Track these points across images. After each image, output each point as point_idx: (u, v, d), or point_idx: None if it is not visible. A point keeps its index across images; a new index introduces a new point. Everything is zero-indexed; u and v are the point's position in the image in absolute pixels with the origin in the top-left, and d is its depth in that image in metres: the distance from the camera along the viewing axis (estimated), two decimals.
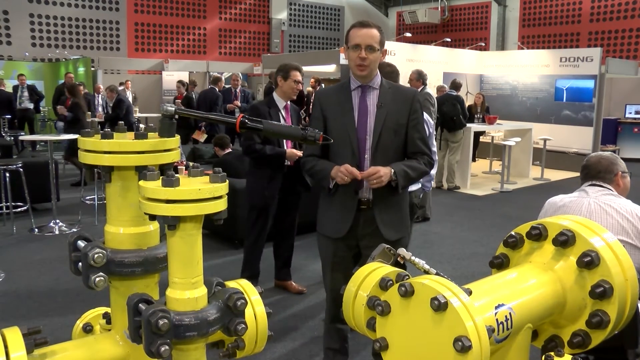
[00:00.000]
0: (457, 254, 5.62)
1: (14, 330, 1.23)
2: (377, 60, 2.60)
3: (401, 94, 2.69)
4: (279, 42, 19.27)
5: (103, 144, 1.20)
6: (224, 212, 1.05)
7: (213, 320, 1.05)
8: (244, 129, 1.22)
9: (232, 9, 18.36)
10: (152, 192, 1.00)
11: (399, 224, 2.76)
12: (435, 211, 7.11)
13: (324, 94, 2.86)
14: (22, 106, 12.55)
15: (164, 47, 17.06)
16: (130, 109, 9.55)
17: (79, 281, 4.29)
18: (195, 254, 1.07)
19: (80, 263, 1.26)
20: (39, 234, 6.15)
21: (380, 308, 1.25)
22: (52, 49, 15.40)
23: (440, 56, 11.92)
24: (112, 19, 16.29)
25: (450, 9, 19.15)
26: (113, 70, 15.36)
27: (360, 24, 2.61)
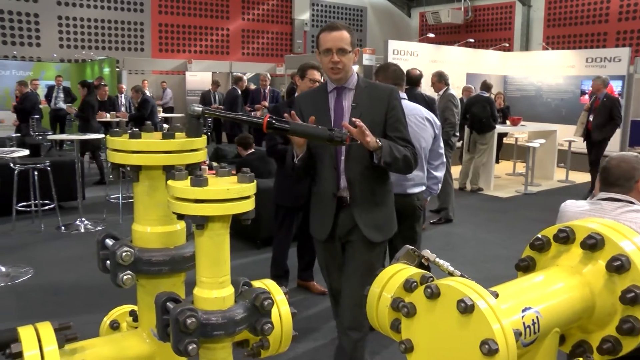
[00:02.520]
0: (480, 256, 5.56)
1: (46, 325, 1.25)
2: (350, 61, 2.57)
3: (376, 92, 2.64)
4: (302, 43, 19.30)
5: (131, 144, 1.21)
6: (252, 212, 1.05)
7: (240, 320, 1.06)
8: (271, 130, 1.22)
9: (254, 9, 18.44)
10: (181, 191, 1.01)
11: (383, 225, 2.69)
12: (458, 213, 7.05)
13: (302, 97, 2.87)
14: (57, 106, 12.74)
15: (187, 47, 17.20)
16: (155, 109, 9.65)
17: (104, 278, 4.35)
18: (223, 254, 1.08)
19: (108, 261, 1.28)
20: (65, 232, 6.25)
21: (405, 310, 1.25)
22: (78, 50, 15.63)
23: (464, 57, 11.83)
24: (137, 20, 16.48)
25: (474, 9, 18.97)
26: (137, 71, 15.54)
27: (328, 28, 2.58)
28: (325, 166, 2.60)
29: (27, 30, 14.90)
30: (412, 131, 3.50)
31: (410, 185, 3.54)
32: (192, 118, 1.24)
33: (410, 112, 3.54)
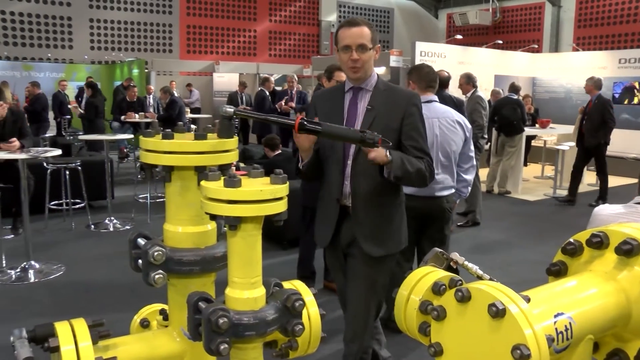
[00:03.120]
0: (508, 260, 5.50)
1: (81, 322, 1.28)
2: (370, 59, 2.41)
3: (395, 96, 2.46)
4: (329, 44, 19.31)
5: (164, 144, 1.23)
6: (284, 213, 1.06)
7: (271, 321, 1.06)
8: (303, 131, 1.23)
9: (282, 11, 18.52)
10: (215, 192, 1.02)
11: (384, 239, 2.49)
12: (485, 216, 6.98)
13: (319, 96, 2.72)
14: None
15: (214, 49, 17.35)
16: (183, 110, 9.75)
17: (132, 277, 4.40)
18: (255, 255, 1.09)
19: (140, 260, 1.30)
20: (95, 230, 6.36)
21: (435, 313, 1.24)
22: (108, 51, 15.89)
23: (492, 59, 11.71)
24: (165, 22, 16.69)
25: (502, 10, 18.75)
26: (165, 72, 15.73)
27: (348, 23, 2.41)
28: (332, 170, 2.46)
29: (60, 34, 15.21)
30: (442, 134, 3.49)
31: (439, 188, 3.53)
32: (223, 119, 1.25)
33: (441, 115, 3.52)
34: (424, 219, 3.58)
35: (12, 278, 4.76)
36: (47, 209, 6.37)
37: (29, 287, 4.61)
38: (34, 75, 14.52)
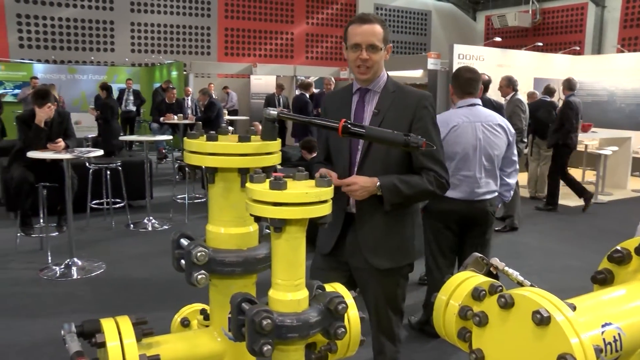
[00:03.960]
0: (547, 267, 5.39)
1: (125, 319, 1.30)
2: (381, 60, 2.25)
3: (404, 99, 2.28)
4: None
5: (207, 146, 1.24)
6: (329, 216, 1.06)
7: (314, 323, 1.07)
8: (347, 134, 1.23)
9: (319, 13, 18.59)
10: (260, 194, 1.03)
11: (392, 250, 2.30)
12: (523, 221, 6.86)
13: (329, 97, 2.59)
14: (127, 109, 13.25)
15: (252, 51, 17.53)
16: (221, 112, 9.87)
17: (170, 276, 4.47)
18: (299, 257, 1.10)
19: (183, 260, 1.32)
20: (134, 230, 6.49)
21: (477, 319, 1.23)
22: (148, 54, 16.22)
23: (531, 61, 11.50)
24: (204, 25, 16.94)
25: (542, 12, 18.41)
26: (204, 74, 15.96)
27: (359, 19, 2.23)
28: (340, 175, 2.26)
29: (102, 37, 15.60)
30: (485, 138, 3.45)
31: (482, 191, 3.50)
32: (267, 121, 1.26)
33: (484, 119, 3.49)
34: (466, 223, 3.56)
35: (57, 274, 4.90)
36: (88, 207, 6.53)
37: (72, 283, 4.74)
38: (78, 78, 14.94)
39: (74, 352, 1.21)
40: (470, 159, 3.45)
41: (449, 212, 3.52)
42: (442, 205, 3.51)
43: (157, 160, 11.52)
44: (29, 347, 3.58)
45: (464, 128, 3.43)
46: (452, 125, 3.43)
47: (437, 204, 3.54)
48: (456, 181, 3.47)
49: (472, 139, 3.44)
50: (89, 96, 14.43)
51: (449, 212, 3.52)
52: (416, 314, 4.02)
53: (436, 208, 3.56)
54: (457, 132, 3.42)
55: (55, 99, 5.98)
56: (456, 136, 3.41)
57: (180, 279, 1.39)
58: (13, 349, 3.56)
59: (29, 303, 4.29)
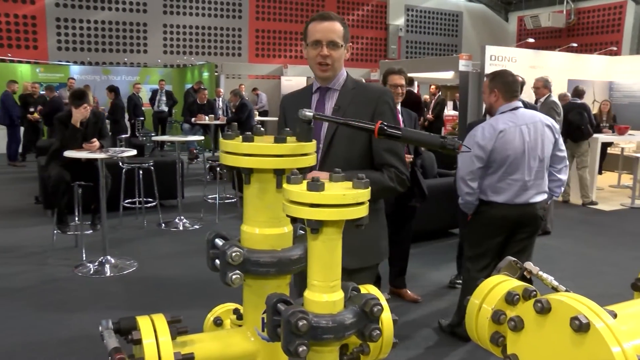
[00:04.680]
0: (581, 272, 5.28)
1: (160, 317, 1.32)
2: (341, 58, 2.24)
3: (364, 95, 2.27)
4: (396, 48, 19.22)
5: (243, 147, 1.25)
6: (366, 218, 1.06)
7: (349, 325, 1.07)
8: (382, 136, 1.23)
9: (349, 15, 18.59)
10: (297, 195, 1.03)
11: (360, 250, 2.14)
12: (556, 225, 6.74)
13: (288, 98, 2.53)
14: (159, 109, 13.45)
15: (283, 52, 17.63)
16: (252, 113, 9.94)
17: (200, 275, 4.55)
18: (335, 258, 1.10)
19: (218, 260, 1.33)
20: (165, 229, 6.58)
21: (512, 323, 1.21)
22: (180, 55, 16.44)
23: (565, 62, 11.27)
24: (235, 27, 17.10)
25: (577, 12, 18.07)
26: (234, 75, 16.11)
27: (320, 17, 2.22)
28: None
29: (136, 39, 15.88)
30: (531, 140, 3.40)
31: (532, 194, 3.45)
32: (302, 123, 1.26)
33: (529, 120, 3.44)
34: (515, 227, 3.50)
35: (91, 271, 5.00)
36: (121, 206, 6.65)
37: (105, 280, 4.83)
38: (111, 79, 15.23)
39: (112, 348, 1.23)
40: (519, 162, 3.39)
41: (500, 217, 3.46)
42: (492, 211, 3.47)
43: (189, 160, 11.66)
44: (66, 340, 3.67)
45: (511, 133, 3.38)
46: (498, 130, 3.38)
47: (487, 209, 3.49)
48: (505, 185, 3.42)
49: (520, 142, 3.38)
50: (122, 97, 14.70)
51: (499, 218, 3.47)
52: (446, 317, 3.99)
53: (486, 214, 3.50)
54: (504, 137, 3.37)
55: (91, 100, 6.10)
56: (504, 142, 3.36)
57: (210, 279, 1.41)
58: (53, 341, 3.66)
59: (65, 298, 4.39)
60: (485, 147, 3.36)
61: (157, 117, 13.41)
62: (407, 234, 4.36)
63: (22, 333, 3.79)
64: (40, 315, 4.08)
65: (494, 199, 3.46)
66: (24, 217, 6.97)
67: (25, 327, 3.89)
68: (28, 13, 14.59)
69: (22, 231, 6.33)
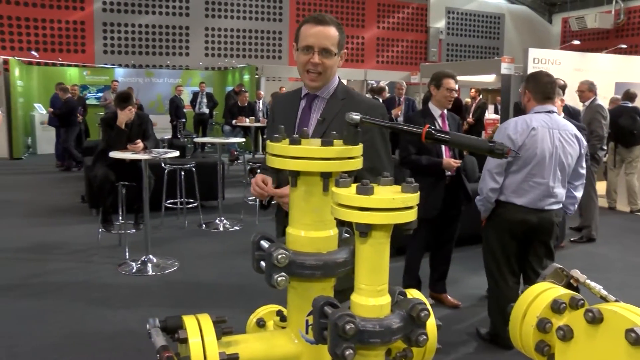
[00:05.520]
0: (629, 282, 5.12)
1: (206, 317, 1.34)
2: (333, 66, 2.09)
3: (352, 108, 2.03)
4: (437, 51, 19.06)
5: (290, 150, 1.26)
6: (414, 222, 1.06)
7: (396, 329, 1.06)
8: (430, 140, 1.22)
9: (390, 18, 18.53)
10: (346, 198, 1.04)
11: None
12: (602, 232, 6.55)
13: (278, 100, 2.42)
14: (200, 111, 13.67)
15: None
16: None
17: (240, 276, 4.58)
18: (383, 262, 1.10)
19: (263, 262, 1.34)
20: (206, 229, 6.66)
21: (561, 332, 1.19)
22: (221, 58, 16.67)
23: (613, 65, 10.98)
24: (276, 29, 17.25)
25: (627, 12, 17.53)
26: (275, 78, 16.24)
27: (314, 20, 2.04)
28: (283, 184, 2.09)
29: (178, 42, 16.19)
30: (560, 147, 3.34)
31: (552, 201, 3.40)
32: (349, 126, 1.27)
33: (562, 127, 3.39)
34: (531, 232, 3.46)
35: (134, 269, 5.10)
36: (163, 207, 6.76)
37: (147, 279, 4.92)
38: (154, 81, 15.57)
39: (160, 346, 1.26)
40: (546, 165, 3.35)
41: (517, 221, 3.43)
42: (510, 213, 3.44)
43: (229, 162, 11.79)
44: (111, 335, 3.76)
45: (543, 133, 3.35)
46: (531, 127, 3.34)
47: (503, 212, 3.46)
48: (527, 187, 3.38)
49: (549, 145, 3.34)
50: (164, 99, 15.03)
51: (517, 222, 3.43)
52: (485, 324, 3.93)
53: (503, 217, 3.47)
54: (535, 136, 3.33)
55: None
56: (535, 140, 3.32)
57: (250, 280, 1.42)
58: (98, 336, 3.76)
59: (109, 295, 4.49)
60: (515, 141, 3.32)
61: (198, 119, 13.61)
62: (450, 238, 4.31)
63: (70, 327, 3.90)
64: (86, 310, 4.19)
65: (513, 200, 3.42)
66: (70, 216, 7.17)
67: (72, 321, 4.00)
68: (77, 19, 15.05)
69: (69, 229, 6.51)
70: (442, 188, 4.03)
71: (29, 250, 5.71)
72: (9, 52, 14.04)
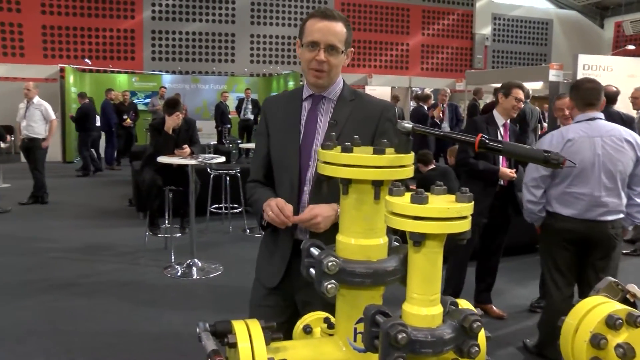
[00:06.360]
0: None
1: (255, 322, 1.35)
2: (340, 65, 1.97)
3: (364, 109, 2.01)
4: (482, 58, 18.79)
5: (342, 157, 1.26)
6: (468, 232, 1.04)
7: (448, 340, 1.05)
8: (483, 149, 1.20)
9: (435, 24, 18.38)
10: (401, 207, 1.03)
11: None
12: None
13: (271, 102, 2.20)
14: (245, 117, 13.86)
15: (367, 62, 17.66)
16: None
17: None
18: (436, 272, 1.08)
19: (313, 269, 1.34)
20: (249, 235, 6.73)
21: (621, 350, 1.15)
22: (266, 65, 16.85)
23: None
24: None
25: None
26: None
27: (321, 14, 1.92)
28: (283, 196, 1.97)
29: (224, 49, 16.44)
30: (605, 154, 3.24)
31: (602, 211, 3.29)
32: (402, 135, 1.26)
33: (606, 133, 3.30)
34: (585, 244, 3.37)
35: (179, 273, 5.20)
36: (208, 211, 6.87)
37: (192, 282, 5.00)
38: (200, 87, 15.86)
39: (211, 350, 1.27)
40: (588, 175, 3.25)
41: (564, 230, 3.37)
42: (557, 223, 3.38)
43: None
44: (157, 337, 3.84)
45: (581, 143, 3.26)
46: (567, 139, 3.27)
47: (552, 222, 3.41)
48: (571, 199, 3.31)
49: (590, 154, 3.25)
50: (209, 105, 15.28)
51: (563, 231, 3.37)
52: (531, 336, 3.84)
53: (552, 226, 3.42)
54: (572, 147, 3.25)
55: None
56: (572, 152, 3.23)
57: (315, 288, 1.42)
58: (145, 337, 3.85)
59: (155, 297, 4.59)
60: None
61: (243, 125, 13.78)
62: (497, 250, 4.24)
63: (118, 326, 4.00)
64: (133, 311, 4.29)
65: (559, 211, 3.36)
66: (118, 218, 7.36)
67: (121, 321, 4.11)
68: (128, 27, 15.49)
69: (116, 231, 6.69)
70: (491, 195, 3.98)
71: (79, 250, 5.89)
72: (65, 60, 14.56)
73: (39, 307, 4.34)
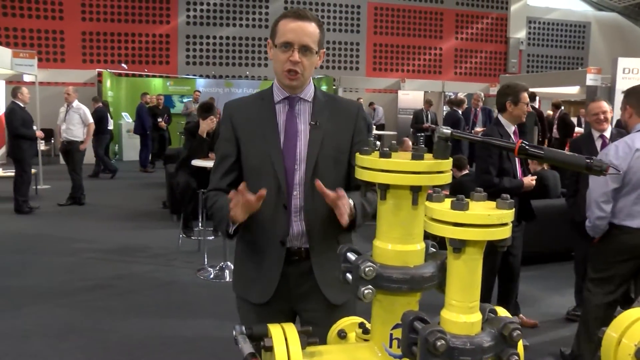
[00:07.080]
0: None
1: (291, 326, 1.35)
2: (312, 66, 1.94)
3: (341, 110, 2.02)
4: (517, 62, 18.53)
5: (380, 163, 1.26)
6: (509, 239, 1.03)
7: (487, 348, 1.04)
8: (523, 155, 1.18)
9: (468, 28, 18.21)
10: (441, 213, 1.03)
11: None
12: None
13: (235, 107, 2.07)
14: None
15: (400, 66, 17.60)
16: (371, 127, 10.00)
17: None
18: (476, 279, 1.07)
19: (349, 274, 1.34)
20: None
21: None
22: None
23: None
24: (353, 41, 17.34)
25: None
26: (352, 89, 16.32)
27: (294, 14, 1.89)
28: (270, 204, 1.88)
29: (257, 53, 16.61)
30: None
31: None
32: (440, 140, 1.25)
33: None
34: None
35: (211, 275, 5.25)
36: None
37: (224, 285, 5.05)
38: (233, 91, 16.02)
39: (248, 353, 1.28)
40: None
41: (633, 245, 3.21)
42: (624, 237, 3.24)
43: None
44: (190, 339, 3.88)
45: None
46: (634, 149, 3.15)
47: (619, 235, 3.25)
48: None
49: None
50: None
51: (632, 245, 3.21)
52: (566, 345, 3.76)
53: (617, 239, 3.27)
54: None
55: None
56: None
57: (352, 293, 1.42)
58: (178, 338, 3.90)
59: (188, 299, 4.64)
60: (619, 167, 3.13)
61: None
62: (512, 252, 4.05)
63: (152, 327, 4.07)
64: (167, 313, 4.35)
65: (627, 223, 3.22)
66: (152, 220, 7.48)
67: (155, 322, 4.17)
68: (163, 32, 15.78)
69: (150, 233, 6.79)
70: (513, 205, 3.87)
71: (114, 251, 6.01)
72: (102, 64, 14.91)
73: (78, 306, 4.45)
